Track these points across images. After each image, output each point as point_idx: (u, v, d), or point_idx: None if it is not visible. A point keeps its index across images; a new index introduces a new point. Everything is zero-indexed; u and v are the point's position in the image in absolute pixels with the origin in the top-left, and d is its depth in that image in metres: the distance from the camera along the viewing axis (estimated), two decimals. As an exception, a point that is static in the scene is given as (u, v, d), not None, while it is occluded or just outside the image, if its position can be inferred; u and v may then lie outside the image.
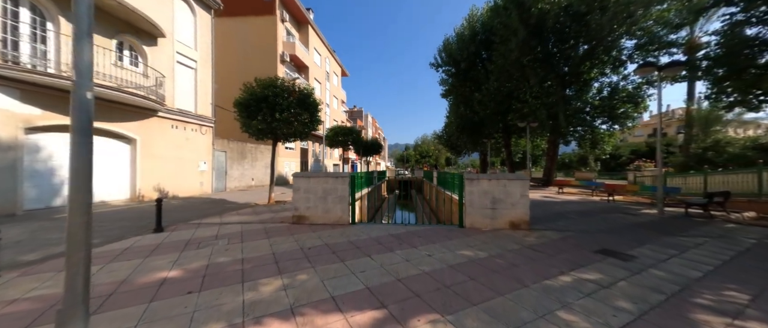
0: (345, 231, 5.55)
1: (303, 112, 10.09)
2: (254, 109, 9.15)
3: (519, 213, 5.68)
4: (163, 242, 4.95)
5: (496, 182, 5.73)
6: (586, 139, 19.27)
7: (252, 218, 7.06)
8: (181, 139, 12.76)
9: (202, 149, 14.02)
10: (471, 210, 5.79)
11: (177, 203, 10.52)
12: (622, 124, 17.90)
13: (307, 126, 10.54)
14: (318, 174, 6.15)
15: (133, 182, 10.70)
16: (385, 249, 4.44)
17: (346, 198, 6.10)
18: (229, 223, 6.49)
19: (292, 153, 24.71)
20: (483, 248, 4.48)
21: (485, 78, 24.75)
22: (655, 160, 26.36)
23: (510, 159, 27.16)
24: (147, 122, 11.11)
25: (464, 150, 37.56)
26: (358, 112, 65.28)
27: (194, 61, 13.52)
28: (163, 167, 11.81)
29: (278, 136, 10.22)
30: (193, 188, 13.33)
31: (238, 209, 8.90)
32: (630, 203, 10.61)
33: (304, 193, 6.17)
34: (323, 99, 30.71)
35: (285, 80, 9.75)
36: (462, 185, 5.96)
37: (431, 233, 5.40)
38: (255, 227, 5.92)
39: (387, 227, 5.98)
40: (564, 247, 4.58)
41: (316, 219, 6.16)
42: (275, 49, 21.81)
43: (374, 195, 21.02)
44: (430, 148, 63.68)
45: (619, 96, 17.30)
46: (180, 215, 7.88)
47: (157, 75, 11.33)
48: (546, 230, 5.78)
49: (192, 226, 6.19)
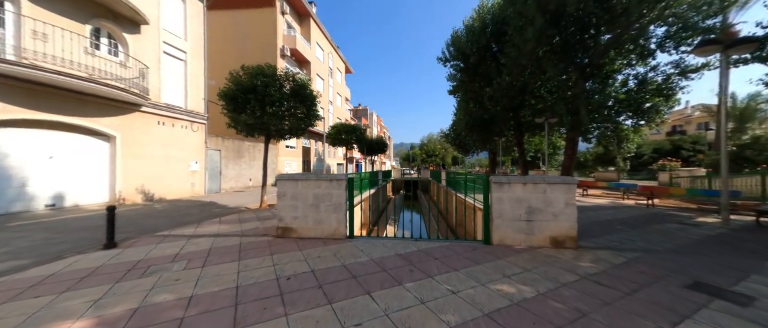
0: (340, 249, 4.37)
1: (298, 105, 8.95)
2: (242, 101, 8.03)
3: (563, 227, 4.41)
4: (105, 264, 3.83)
5: (533, 186, 4.47)
6: (608, 136, 17.73)
7: (232, 229, 5.92)
8: (169, 137, 11.75)
9: (194, 148, 13.01)
10: (500, 222, 4.55)
11: (161, 207, 9.49)
12: (650, 120, 16.33)
13: (303, 121, 9.39)
14: (308, 177, 4.98)
15: (112, 183, 9.70)
16: (390, 280, 3.24)
17: (342, 206, 4.91)
18: (202, 235, 5.36)
19: (293, 152, 23.67)
20: (526, 280, 3.24)
21: (496, 72, 23.28)
22: (681, 159, 24.72)
23: (522, 158, 25.62)
24: (128, 118, 10.11)
25: (473, 149, 36.11)
26: (363, 111, 64.13)
27: (183, 52, 12.50)
28: (148, 166, 10.81)
29: (271, 132, 9.09)
30: (183, 189, 12.33)
31: (223, 215, 7.80)
32: (673, 209, 9.20)
33: (290, 200, 5.00)
34: (326, 96, 29.65)
35: (277, 69, 8.60)
36: (488, 190, 4.72)
37: (449, 253, 4.18)
38: (229, 243, 4.77)
39: (393, 242, 4.77)
40: (639, 279, 3.31)
41: (306, 232, 4.99)
42: (275, 43, 20.77)
43: (379, 196, 19.85)
44: (437, 147, 62.21)
45: (647, 88, 15.76)
46: (153, 222, 6.81)
47: (140, 66, 10.32)
48: (598, 248, 4.50)
49: (155, 239, 5.07)
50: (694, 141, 24.24)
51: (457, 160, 64.42)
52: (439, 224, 15.34)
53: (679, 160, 22.49)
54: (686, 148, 23.66)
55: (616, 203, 10.57)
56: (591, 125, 16.06)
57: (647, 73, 16.44)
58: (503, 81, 20.94)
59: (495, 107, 24.52)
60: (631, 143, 18.55)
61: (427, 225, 15.44)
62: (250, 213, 8.06)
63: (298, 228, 5.01)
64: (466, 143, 35.88)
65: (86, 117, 8.87)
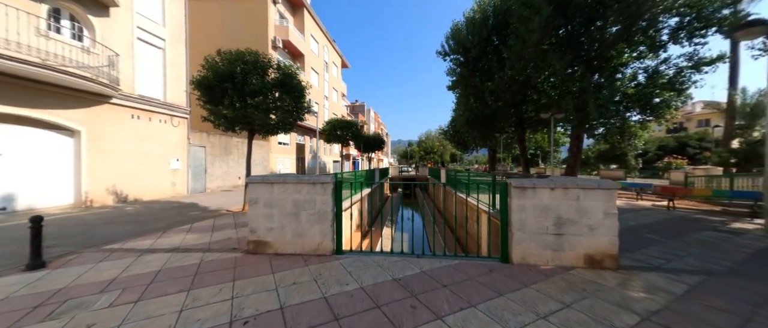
0: (323, 271, 3.48)
1: (285, 96, 8.00)
2: (219, 91, 7.07)
3: (601, 242, 3.55)
4: (13, 294, 2.92)
5: (564, 192, 3.60)
6: (614, 133, 16.92)
7: (198, 240, 5.00)
8: (146, 132, 10.74)
9: (174, 144, 12.01)
10: (522, 236, 3.68)
11: (132, 209, 8.53)
12: (660, 115, 15.57)
13: (291, 114, 8.45)
14: (285, 179, 4.06)
15: (78, 183, 8.71)
16: (386, 325, 2.35)
17: (327, 215, 4.01)
18: (159, 249, 4.44)
19: (286, 149, 22.68)
20: (570, 322, 2.37)
21: (498, 67, 22.40)
22: (687, 157, 24.05)
23: (524, 155, 24.86)
24: (96, 110, 9.09)
25: (472, 146, 35.31)
26: (360, 107, 63.05)
27: (161, 39, 11.43)
28: (121, 164, 9.81)
29: (255, 127, 8.15)
30: (162, 189, 11.35)
31: (198, 220, 6.87)
32: (695, 211, 8.42)
33: (264, 208, 4.09)
34: (321, 91, 28.60)
35: (260, 55, 7.63)
36: (506, 196, 3.84)
37: (461, 277, 3.30)
38: (187, 261, 3.86)
39: (389, 260, 3.89)
40: (721, 321, 2.45)
41: (283, 246, 4.09)
42: (266, 33, 19.67)
43: (375, 196, 18.97)
44: (435, 144, 61.37)
45: (658, 82, 14.97)
46: (111, 230, 5.87)
47: (109, 53, 9.28)
48: (642, 268, 3.65)
49: (99, 255, 4.15)
50: (700, 138, 23.57)
51: (456, 158, 63.69)
52: (438, 227, 14.55)
53: (685, 158, 21.86)
54: (692, 146, 23.01)
55: (631, 204, 9.81)
56: (599, 121, 15.25)
57: (658, 67, 15.65)
58: (505, 75, 20.05)
59: (496, 103, 23.67)
60: (638, 140, 17.85)
61: (426, 228, 14.63)
62: (229, 218, 7.14)
63: (273, 242, 4.10)
64: (466, 140, 35.04)
65: (44, 109, 7.86)
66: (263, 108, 7.47)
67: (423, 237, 12.92)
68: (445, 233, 8.54)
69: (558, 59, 16.30)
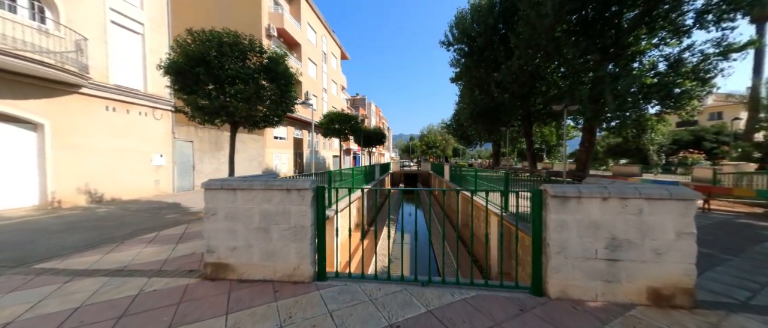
0: (296, 310, 2.58)
1: (270, 85, 7.04)
2: (191, 77, 6.12)
3: (673, 272, 2.63)
4: None
5: (620, 203, 2.66)
6: (630, 125, 15.77)
7: (153, 256, 4.12)
8: (123, 126, 9.84)
9: (157, 138, 11.12)
10: (562, 261, 2.75)
11: (104, 211, 7.68)
12: (681, 107, 14.45)
13: (279, 106, 7.51)
14: (251, 184, 3.14)
15: (43, 181, 7.86)
16: None
17: (306, 231, 3.10)
18: (97, 271, 3.56)
19: (282, 144, 21.77)
20: None
21: (504, 57, 21.25)
22: (703, 151, 22.82)
23: (531, 150, 23.85)
24: (62, 101, 8.17)
25: (476, 140, 34.27)
26: (361, 100, 61.83)
27: (140, 24, 10.44)
28: (94, 161, 8.95)
29: (236, 119, 7.22)
30: (144, 187, 10.50)
31: (170, 226, 6.01)
32: (731, 214, 7.45)
33: (225, 221, 3.19)
34: (320, 83, 27.54)
35: (240, 36, 6.65)
36: (540, 208, 2.90)
37: (483, 323, 2.39)
38: (121, 294, 2.97)
39: (386, 292, 2.99)
40: None
41: (250, 271, 3.19)
42: (259, 20, 18.58)
43: (376, 193, 18.08)
44: (438, 138, 60.25)
45: (681, 71, 13.83)
46: (62, 239, 5.00)
47: (77, 37, 8.32)
48: (729, 307, 2.73)
49: (15, 281, 3.27)
50: (718, 131, 22.38)
51: (458, 152, 62.60)
52: (442, 225, 13.67)
53: (702, 153, 20.72)
54: (708, 140, 21.87)
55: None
56: (615, 113, 14.16)
57: (681, 54, 14.46)
58: (513, 65, 18.92)
59: (502, 95, 22.55)
60: (656, 133, 16.77)
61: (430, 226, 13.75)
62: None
63: (237, 265, 3.20)
64: (469, 134, 33.98)
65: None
66: (245, 97, 6.52)
67: (428, 244, 11.98)
68: (449, 235, 7.62)
69: (571, 47, 15.17)
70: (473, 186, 10.88)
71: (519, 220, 5.64)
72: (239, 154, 16.27)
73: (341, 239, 8.13)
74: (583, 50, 14.81)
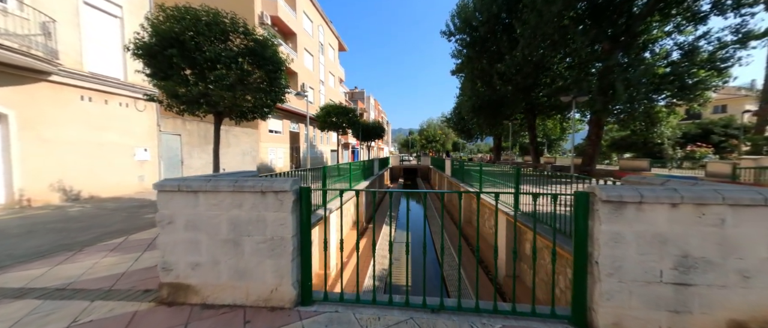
0: (268, 353, 1.95)
1: (256, 71, 6.33)
2: (164, 60, 5.40)
3: (764, 300, 2.01)
4: None
5: (696, 210, 2.03)
6: (640, 117, 15.05)
7: (108, 270, 3.46)
8: (101, 117, 9.11)
9: (141, 131, 10.39)
10: (616, 285, 2.13)
11: (77, 211, 7.02)
12: (693, 98, 13.80)
13: (268, 95, 6.82)
14: (217, 185, 2.48)
15: (8, 178, 7.16)
16: None
17: (286, 244, 2.46)
18: (33, 290, 2.91)
19: (278, 138, 21.04)
20: None
21: (508, 47, 20.44)
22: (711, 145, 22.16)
23: (534, 143, 23.23)
24: (29, 90, 7.42)
25: (477, 134, 33.58)
26: (360, 94, 60.81)
27: (117, 6, 9.61)
28: (69, 155, 8.24)
29: (220, 110, 6.52)
30: (126, 184, 9.82)
31: (145, 228, 5.36)
32: None
33: (185, 231, 2.54)
34: (316, 75, 26.66)
35: (220, 13, 5.90)
36: (586, 217, 2.26)
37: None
38: (46, 327, 2.33)
39: (389, 321, 2.36)
40: None
41: (216, 294, 2.55)
42: (252, 6, 17.65)
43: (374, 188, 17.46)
44: (437, 132, 59.51)
45: (696, 60, 13.13)
46: (13, 246, 4.34)
47: (44, 18, 7.52)
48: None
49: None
50: (726, 124, 21.77)
51: (458, 146, 61.97)
52: (443, 220, 13.10)
53: (710, 147, 20.15)
54: (716, 133, 21.28)
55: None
56: (626, 105, 13.48)
57: (696, 42, 13.75)
58: (517, 56, 18.15)
59: (505, 86, 21.80)
60: (665, 125, 16.13)
61: (430, 225, 13.21)
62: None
63: (200, 286, 2.56)
64: (470, 128, 33.29)
65: (-50, 86, 6.21)
66: (228, 85, 5.81)
67: (438, 263, 11.39)
68: (450, 231, 7.02)
69: (580, 35, 14.40)
70: (478, 182, 10.26)
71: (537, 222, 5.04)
72: (231, 148, 15.57)
73: (335, 241, 7.54)
74: (593, 39, 14.05)
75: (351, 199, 11.13)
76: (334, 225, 7.67)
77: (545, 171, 19.87)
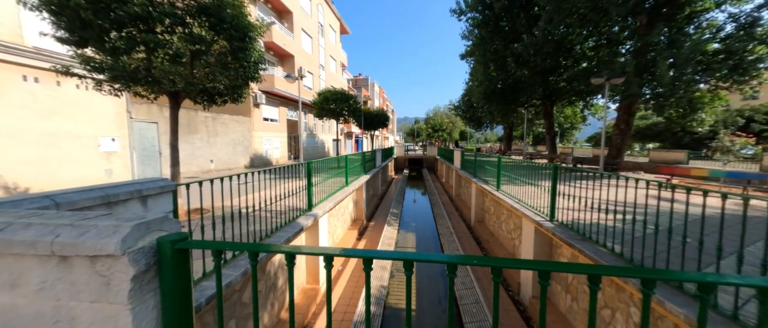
0: None
1: (219, 38, 4.82)
2: (77, 20, 3.92)
3: None
4: None
5: None
6: (683, 103, 13.00)
7: None
8: (53, 101, 7.77)
9: (106, 118, 9.06)
10: None
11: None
12: (747, 80, 11.81)
13: (233, 71, 5.34)
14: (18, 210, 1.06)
15: (-72, 176, 5.91)
16: None
17: None
18: None
19: (274, 126, 19.64)
20: None
21: (526, 25, 18.36)
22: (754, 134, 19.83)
23: (551, 133, 21.34)
24: (-53, 67, 6.06)
25: (487, 122, 31.64)
26: (364, 81, 58.72)
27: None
28: (11, 147, 6.96)
29: (171, 89, 5.08)
30: (91, 179, 8.57)
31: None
32: None
33: None
34: (316, 59, 24.92)
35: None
36: None
37: None
38: None
39: None
40: None
41: None
42: (240, -20, 15.86)
43: (376, 182, 16.07)
44: (444, 120, 57.42)
45: (755, 33, 11.08)
46: None
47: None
48: None
49: None
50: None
51: (465, 136, 59.89)
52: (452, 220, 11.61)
53: (752, 136, 18.04)
54: (758, 121, 19.08)
55: (759, 208, 6.43)
56: (670, 87, 11.55)
57: (756, 11, 11.63)
58: (536, 34, 16.15)
59: (521, 70, 19.73)
60: (706, 112, 14.16)
61: (437, 221, 11.80)
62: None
63: None
64: (480, 116, 31.33)
65: None
66: (172, 55, 4.33)
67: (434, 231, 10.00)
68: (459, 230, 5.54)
69: (615, 6, 12.39)
70: (493, 177, 8.72)
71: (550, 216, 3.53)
72: (220, 137, 14.23)
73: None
74: (631, 9, 12.03)
75: (349, 196, 9.75)
76: (331, 220, 6.30)
77: (564, 163, 18.15)
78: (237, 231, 3.86)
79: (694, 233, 3.26)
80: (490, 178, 9.76)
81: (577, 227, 4.77)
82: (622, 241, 3.80)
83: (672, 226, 3.06)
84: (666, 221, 3.19)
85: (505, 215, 8.56)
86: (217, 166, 14.00)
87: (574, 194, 5.13)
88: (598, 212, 4.19)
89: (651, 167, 14.23)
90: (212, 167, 13.68)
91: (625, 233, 4.03)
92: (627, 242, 3.79)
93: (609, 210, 4.26)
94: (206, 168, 13.31)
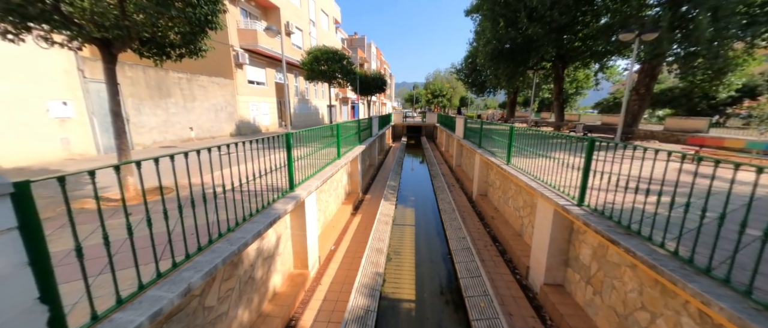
0: None
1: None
2: None
3: None
4: None
5: None
6: (698, 65, 11.51)
7: None
8: (-26, 56, 6.35)
9: (52, 78, 7.68)
10: None
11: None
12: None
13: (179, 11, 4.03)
14: None
15: None
16: None
17: None
18: None
19: (261, 90, 18.02)
20: None
21: (541, -27, 16.03)
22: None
23: (559, 99, 19.96)
24: None
25: (490, 86, 29.78)
26: (360, 41, 54.78)
27: None
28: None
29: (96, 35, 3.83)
30: (44, 150, 7.46)
31: None
32: None
33: None
34: (305, 12, 22.40)
35: None
36: None
37: None
38: None
39: None
40: None
41: None
42: None
43: (373, 151, 15.04)
44: (445, 85, 54.81)
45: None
46: None
47: None
48: None
49: None
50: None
51: (466, 102, 57.70)
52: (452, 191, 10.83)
53: (775, 102, 16.82)
54: (779, 87, 17.69)
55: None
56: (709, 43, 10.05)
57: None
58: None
59: (534, 27, 17.80)
60: (736, 75, 12.80)
61: (437, 195, 11.04)
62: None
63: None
64: (484, 80, 29.39)
65: None
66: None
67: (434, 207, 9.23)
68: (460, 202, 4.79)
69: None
70: (505, 150, 7.70)
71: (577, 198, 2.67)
72: (198, 102, 12.81)
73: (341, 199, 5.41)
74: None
75: (342, 168, 8.79)
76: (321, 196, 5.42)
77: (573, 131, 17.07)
78: (199, 221, 3.04)
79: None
80: (497, 149, 8.75)
81: (611, 214, 3.89)
82: (679, 236, 2.91)
83: (726, 213, 2.17)
84: (713, 204, 2.31)
85: (514, 191, 7.70)
86: (198, 134, 12.79)
87: (598, 169, 4.22)
88: (634, 194, 3.28)
89: (667, 135, 13.21)
90: (192, 135, 12.47)
91: (671, 221, 3.10)
92: (683, 237, 2.90)
93: (647, 191, 3.34)
94: (185, 137, 12.11)
